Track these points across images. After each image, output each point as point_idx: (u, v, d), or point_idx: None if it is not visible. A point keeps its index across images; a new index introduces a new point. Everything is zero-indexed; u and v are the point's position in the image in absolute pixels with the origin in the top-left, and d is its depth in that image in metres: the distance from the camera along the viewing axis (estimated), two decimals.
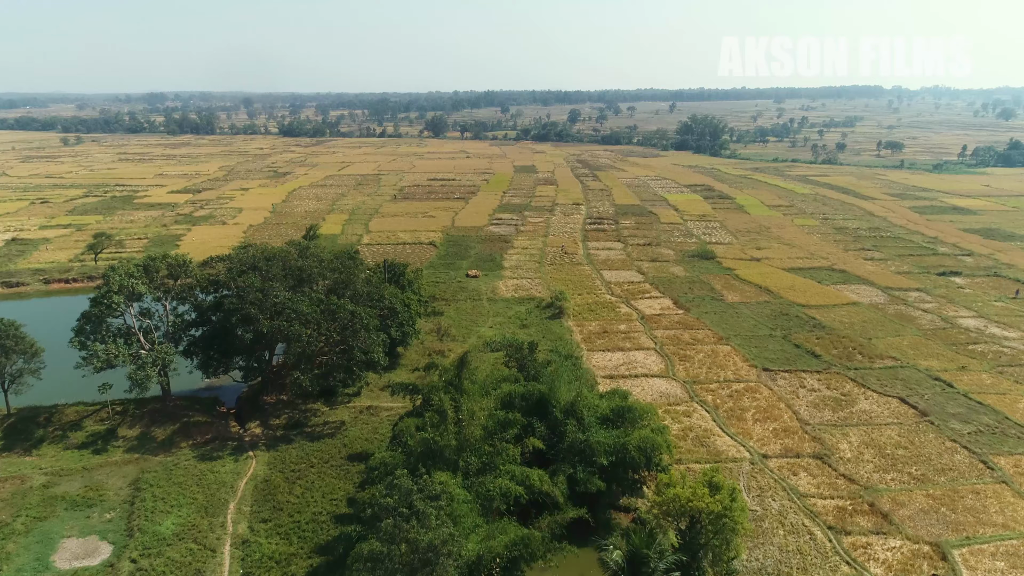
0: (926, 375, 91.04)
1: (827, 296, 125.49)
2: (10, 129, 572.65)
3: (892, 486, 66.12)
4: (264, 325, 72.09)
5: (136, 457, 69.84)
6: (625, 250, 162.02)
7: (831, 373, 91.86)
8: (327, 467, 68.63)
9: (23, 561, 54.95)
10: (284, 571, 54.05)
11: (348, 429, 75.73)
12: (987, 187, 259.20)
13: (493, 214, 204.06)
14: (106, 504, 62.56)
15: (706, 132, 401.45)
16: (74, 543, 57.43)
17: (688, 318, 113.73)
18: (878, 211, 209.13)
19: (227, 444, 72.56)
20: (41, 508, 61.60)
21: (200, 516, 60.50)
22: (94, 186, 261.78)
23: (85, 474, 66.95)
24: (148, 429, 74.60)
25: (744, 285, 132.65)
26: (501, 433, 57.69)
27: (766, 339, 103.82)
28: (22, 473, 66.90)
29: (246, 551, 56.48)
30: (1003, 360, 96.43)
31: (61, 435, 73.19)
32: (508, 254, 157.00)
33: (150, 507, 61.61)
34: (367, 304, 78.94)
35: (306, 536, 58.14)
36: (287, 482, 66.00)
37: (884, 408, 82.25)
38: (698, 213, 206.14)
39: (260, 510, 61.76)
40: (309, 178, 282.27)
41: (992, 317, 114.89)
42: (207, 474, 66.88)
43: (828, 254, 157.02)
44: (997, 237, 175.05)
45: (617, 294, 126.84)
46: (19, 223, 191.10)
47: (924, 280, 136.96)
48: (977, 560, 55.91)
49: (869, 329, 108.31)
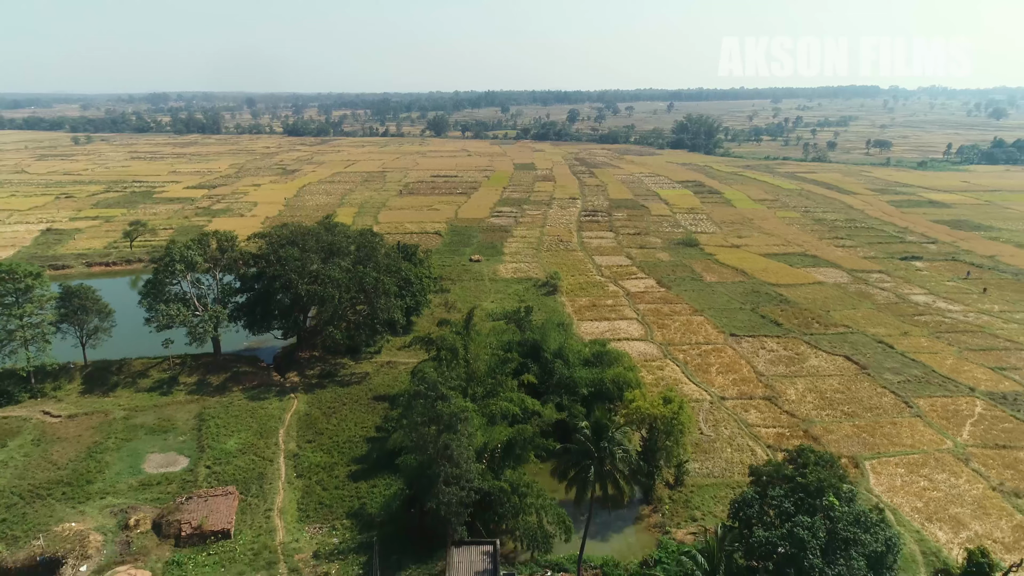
0: (872, 339, 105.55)
1: (796, 277, 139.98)
2: (19, 129, 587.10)
3: (826, 419, 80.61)
4: (302, 289, 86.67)
5: (197, 398, 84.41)
6: (616, 238, 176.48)
7: (789, 338, 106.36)
8: (356, 405, 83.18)
9: (120, 468, 69.42)
10: (328, 474, 68.58)
11: (372, 378, 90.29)
12: (965, 183, 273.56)
13: (494, 207, 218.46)
14: (178, 431, 77.05)
15: (701, 131, 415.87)
16: (157, 456, 71.90)
17: (669, 295, 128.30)
18: (857, 204, 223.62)
19: (271, 389, 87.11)
20: (125, 433, 76.10)
21: (256, 438, 75.03)
22: (112, 182, 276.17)
23: (156, 410, 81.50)
24: (204, 377, 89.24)
25: (722, 268, 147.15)
26: (502, 368, 72.12)
27: (736, 311, 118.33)
28: (105, 409, 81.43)
29: (297, 461, 71.01)
30: (942, 328, 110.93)
31: (131, 381, 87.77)
32: (508, 242, 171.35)
33: (214, 432, 76.12)
34: (387, 275, 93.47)
35: (344, 451, 72.68)
36: (324, 415, 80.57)
37: (831, 364, 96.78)
38: (687, 207, 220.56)
39: (304, 434, 76.30)
40: (317, 175, 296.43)
41: (941, 294, 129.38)
42: (258, 410, 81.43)
43: (803, 242, 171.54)
44: (964, 227, 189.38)
45: (606, 275, 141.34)
46: (50, 215, 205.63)
47: (887, 264, 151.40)
48: (883, 467, 70.37)
49: (829, 304, 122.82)
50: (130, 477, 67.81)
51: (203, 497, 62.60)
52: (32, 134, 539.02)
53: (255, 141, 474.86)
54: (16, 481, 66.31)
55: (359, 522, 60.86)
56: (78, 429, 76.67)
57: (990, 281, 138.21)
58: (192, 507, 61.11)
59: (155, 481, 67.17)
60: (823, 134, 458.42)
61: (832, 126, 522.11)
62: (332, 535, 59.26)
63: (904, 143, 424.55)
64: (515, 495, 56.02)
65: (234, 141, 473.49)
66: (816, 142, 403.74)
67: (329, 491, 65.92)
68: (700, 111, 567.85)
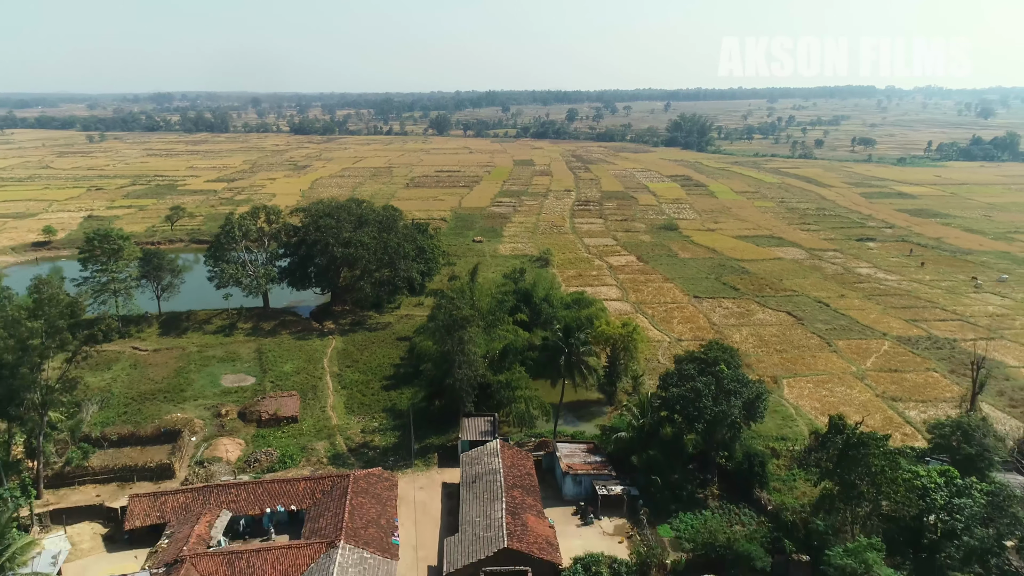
0: (813, 300, 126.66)
1: (759, 254, 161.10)
2: (31, 128, 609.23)
3: (760, 354, 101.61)
4: (338, 252, 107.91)
5: (254, 338, 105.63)
6: (605, 224, 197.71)
7: (743, 299, 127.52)
8: (383, 343, 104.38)
9: (203, 383, 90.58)
10: (365, 386, 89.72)
11: (393, 326, 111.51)
12: (938, 177, 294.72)
13: (494, 198, 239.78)
14: (242, 360, 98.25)
15: (694, 130, 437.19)
16: (230, 376, 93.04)
17: (646, 267, 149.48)
18: (830, 196, 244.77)
19: (313, 333, 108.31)
20: (201, 361, 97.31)
21: (306, 364, 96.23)
22: (136, 176, 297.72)
23: (223, 346, 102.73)
24: (257, 323, 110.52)
25: (696, 247, 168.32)
26: (500, 307, 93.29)
27: (702, 280, 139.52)
28: (181, 345, 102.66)
29: (339, 379, 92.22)
30: (876, 292, 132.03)
31: (199, 327, 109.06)
32: (507, 227, 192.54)
33: (272, 360, 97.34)
34: (406, 242, 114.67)
35: (375, 372, 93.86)
36: (357, 350, 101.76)
37: (773, 317, 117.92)
38: (673, 198, 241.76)
39: (344, 362, 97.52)
40: (327, 170, 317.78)
41: (883, 267, 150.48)
42: (304, 346, 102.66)
43: (772, 227, 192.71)
44: (923, 215, 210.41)
45: (593, 253, 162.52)
46: (87, 204, 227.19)
47: (843, 244, 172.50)
48: (796, 383, 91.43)
49: (783, 274, 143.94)
50: (212, 388, 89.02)
51: (273, 397, 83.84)
52: (46, 133, 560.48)
53: (264, 139, 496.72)
54: (127, 390, 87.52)
55: (392, 414, 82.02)
56: (164, 359, 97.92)
57: (929, 257, 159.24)
58: (266, 403, 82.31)
59: (232, 390, 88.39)
60: (813, 133, 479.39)
61: (824, 125, 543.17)
62: (373, 421, 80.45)
63: (891, 141, 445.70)
64: (508, 388, 77.16)
65: (243, 139, 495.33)
66: (804, 140, 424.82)
67: (367, 396, 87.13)
68: (698, 111, 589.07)
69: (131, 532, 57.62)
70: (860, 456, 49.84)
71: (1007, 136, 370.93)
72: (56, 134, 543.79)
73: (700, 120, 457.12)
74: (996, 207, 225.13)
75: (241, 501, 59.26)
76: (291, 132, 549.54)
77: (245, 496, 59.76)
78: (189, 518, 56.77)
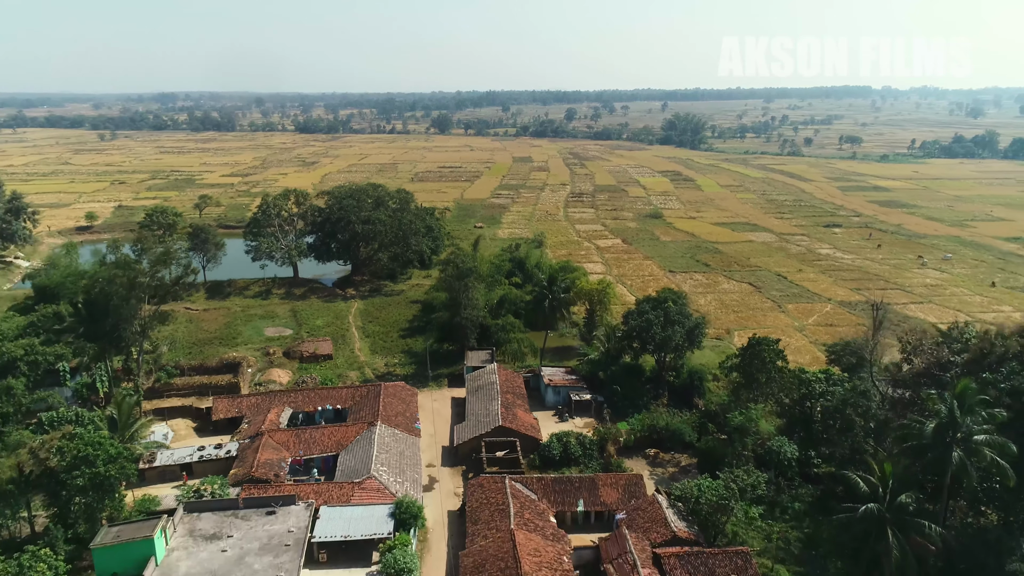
0: (773, 274, 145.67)
1: (733, 237, 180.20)
2: (41, 127, 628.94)
3: (719, 313, 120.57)
4: (359, 228, 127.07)
5: (287, 301, 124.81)
6: (596, 213, 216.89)
7: (712, 273, 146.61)
8: (397, 306, 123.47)
9: (250, 333, 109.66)
10: (386, 336, 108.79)
11: (406, 293, 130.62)
12: (915, 172, 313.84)
13: (494, 191, 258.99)
14: (279, 317, 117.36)
15: (688, 128, 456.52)
16: (271, 329, 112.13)
17: (630, 248, 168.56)
18: (809, 189, 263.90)
19: (337, 297, 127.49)
20: (245, 317, 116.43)
21: (334, 319, 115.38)
22: (154, 172, 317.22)
23: (262, 307, 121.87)
24: (289, 290, 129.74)
25: (676, 232, 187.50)
26: (498, 271, 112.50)
27: (678, 258, 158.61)
28: (226, 306, 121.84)
29: (363, 330, 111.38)
30: (831, 268, 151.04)
31: (239, 292, 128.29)
32: (505, 216, 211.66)
33: (305, 317, 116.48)
34: (417, 220, 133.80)
35: (393, 326, 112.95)
36: (377, 310, 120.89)
37: (736, 287, 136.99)
38: (661, 191, 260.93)
39: (366, 318, 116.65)
40: (335, 166, 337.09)
41: (842, 248, 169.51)
42: (331, 307, 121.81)
43: (749, 215, 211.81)
44: (892, 206, 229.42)
45: (583, 236, 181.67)
46: (114, 196, 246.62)
47: (812, 230, 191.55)
48: (745, 334, 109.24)
49: (751, 254, 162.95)
50: (258, 337, 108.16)
51: (311, 341, 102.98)
52: (56, 131, 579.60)
53: (270, 138, 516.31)
54: (187, 338, 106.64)
55: (408, 354, 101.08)
56: (213, 316, 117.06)
57: (887, 241, 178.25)
58: (305, 345, 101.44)
59: (275, 338, 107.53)
60: (805, 132, 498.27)
61: (816, 124, 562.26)
62: (394, 358, 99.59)
63: (879, 139, 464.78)
64: (503, 331, 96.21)
65: (250, 138, 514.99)
66: (794, 138, 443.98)
67: (387, 342, 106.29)
68: (694, 110, 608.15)
69: (215, 423, 76.64)
70: (758, 353, 68.81)
71: (987, 134, 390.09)
72: (67, 133, 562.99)
73: (694, 119, 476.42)
74: (962, 199, 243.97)
75: (299, 401, 78.34)
76: (296, 131, 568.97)
77: (302, 398, 78.84)
78: (260, 412, 75.78)
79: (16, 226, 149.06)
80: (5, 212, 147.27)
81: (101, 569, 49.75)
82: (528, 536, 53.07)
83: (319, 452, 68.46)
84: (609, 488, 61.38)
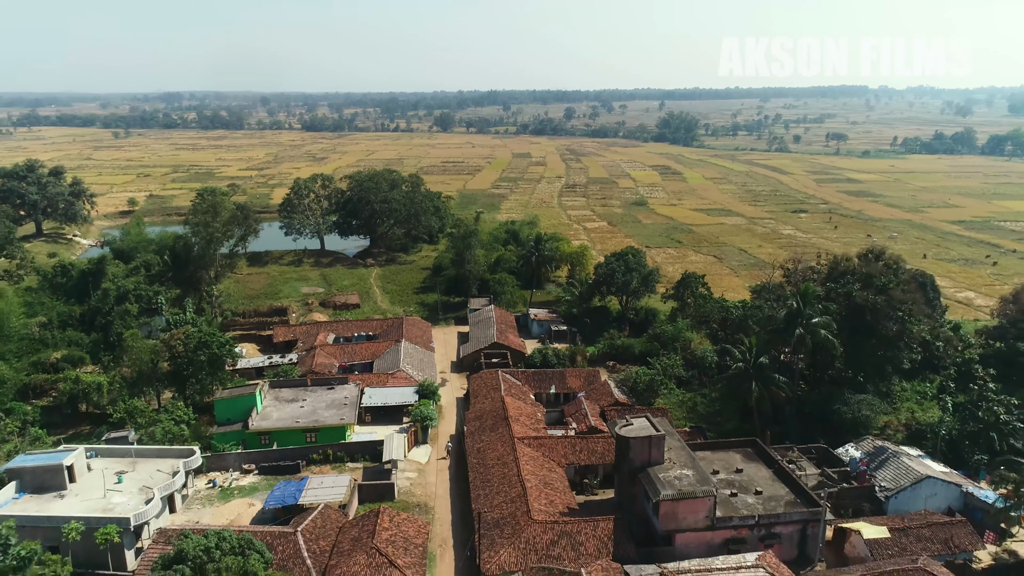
0: (736, 248, 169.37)
1: (707, 221, 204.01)
2: (53, 125, 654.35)
3: None
4: (377, 206, 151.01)
5: (317, 268, 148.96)
6: (587, 201, 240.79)
7: (683, 248, 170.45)
8: (410, 271, 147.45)
9: (288, 291, 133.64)
10: (402, 293, 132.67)
11: (417, 262, 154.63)
12: (891, 167, 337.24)
13: (494, 183, 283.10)
14: (311, 280, 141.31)
15: (681, 126, 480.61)
16: (306, 288, 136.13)
17: (613, 229, 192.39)
18: (786, 180, 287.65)
19: (359, 265, 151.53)
20: (283, 280, 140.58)
21: (358, 281, 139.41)
22: (174, 166, 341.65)
23: (295, 272, 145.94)
24: (318, 259, 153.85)
25: (657, 216, 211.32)
26: (495, 240, 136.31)
27: (655, 236, 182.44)
28: (266, 272, 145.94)
29: (383, 288, 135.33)
30: (788, 244, 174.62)
31: (275, 261, 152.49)
32: (504, 203, 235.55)
33: (333, 279, 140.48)
34: (427, 200, 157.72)
35: (407, 286, 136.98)
36: (393, 274, 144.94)
37: (701, 258, 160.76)
38: (649, 182, 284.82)
39: (385, 281, 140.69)
40: (344, 161, 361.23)
41: (803, 230, 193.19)
42: (354, 272, 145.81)
43: (726, 203, 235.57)
44: (861, 196, 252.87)
45: (573, 220, 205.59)
46: (143, 187, 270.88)
47: (780, 215, 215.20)
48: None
49: (720, 234, 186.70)
50: (295, 293, 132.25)
51: (341, 295, 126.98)
52: (70, 130, 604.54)
53: (278, 136, 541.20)
54: (237, 293, 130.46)
55: (421, 305, 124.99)
56: (255, 279, 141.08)
57: (844, 223, 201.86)
58: (337, 297, 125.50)
59: (310, 294, 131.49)
60: (796, 129, 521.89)
61: (808, 123, 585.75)
62: (410, 305, 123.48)
63: (867, 137, 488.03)
64: (499, 284, 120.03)
65: (260, 136, 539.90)
66: (784, 136, 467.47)
67: (403, 297, 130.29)
68: (692, 109, 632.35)
69: (275, 345, 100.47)
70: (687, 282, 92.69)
71: (965, 132, 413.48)
72: (81, 131, 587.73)
73: (688, 118, 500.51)
74: (927, 190, 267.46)
75: (339, 329, 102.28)
76: (303, 129, 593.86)
77: (342, 327, 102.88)
78: (311, 336, 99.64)
79: (78, 207, 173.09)
80: (69, 195, 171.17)
81: (220, 417, 73.48)
82: (513, 400, 76.80)
83: (359, 360, 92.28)
84: (574, 378, 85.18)
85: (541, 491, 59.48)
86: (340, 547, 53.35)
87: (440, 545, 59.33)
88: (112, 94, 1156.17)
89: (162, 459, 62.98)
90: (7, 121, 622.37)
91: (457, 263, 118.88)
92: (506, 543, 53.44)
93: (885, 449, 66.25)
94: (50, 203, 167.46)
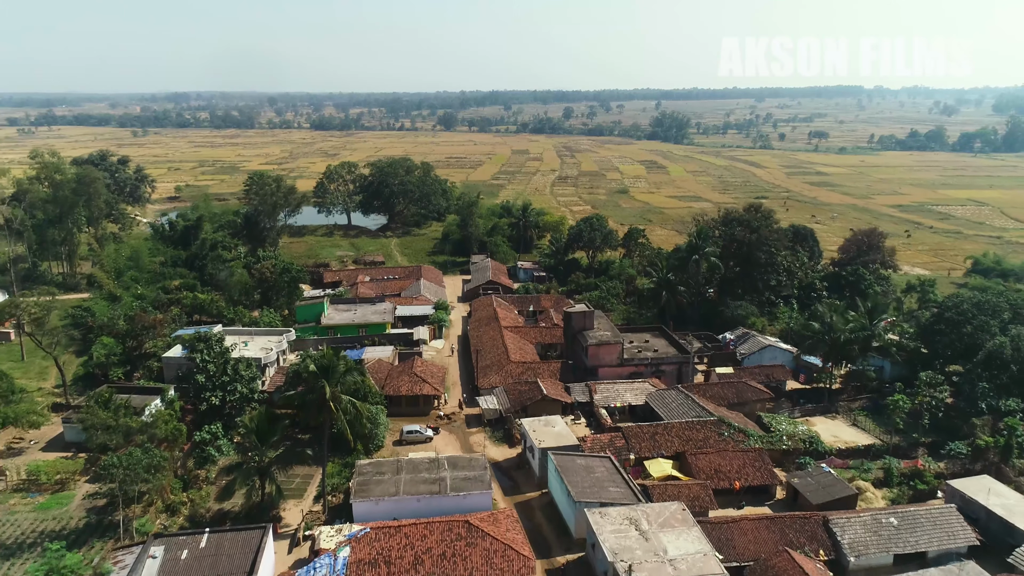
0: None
1: (677, 205, 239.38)
2: (70, 125, 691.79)
3: None
4: (396, 188, 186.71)
5: (346, 238, 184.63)
6: (576, 190, 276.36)
7: (651, 226, 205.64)
8: (423, 240, 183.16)
9: (326, 254, 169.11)
10: (416, 256, 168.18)
11: (427, 235, 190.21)
12: (861, 162, 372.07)
13: (494, 175, 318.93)
14: (342, 247, 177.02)
15: (673, 125, 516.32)
16: (339, 252, 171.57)
17: (596, 212, 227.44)
18: (759, 173, 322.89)
19: (380, 236, 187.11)
20: (319, 247, 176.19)
21: (381, 247, 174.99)
22: (199, 161, 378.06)
23: (328, 241, 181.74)
24: (345, 232, 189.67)
25: (635, 202, 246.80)
26: (492, 214, 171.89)
27: (630, 218, 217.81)
28: (304, 241, 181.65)
29: (401, 251, 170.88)
30: None
31: (310, 232, 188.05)
32: (502, 192, 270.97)
33: (360, 246, 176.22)
34: (436, 185, 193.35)
35: (421, 251, 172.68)
36: (408, 243, 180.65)
37: (665, 232, 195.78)
38: (635, 175, 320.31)
39: (402, 247, 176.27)
40: (354, 157, 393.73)
41: None
42: (377, 241, 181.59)
43: (699, 192, 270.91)
44: (822, 186, 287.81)
45: (561, 204, 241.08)
46: (175, 178, 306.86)
47: (743, 200, 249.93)
48: None
49: (687, 215, 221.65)
50: (331, 255, 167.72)
51: (369, 255, 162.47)
52: (88, 129, 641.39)
53: (288, 134, 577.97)
54: (285, 256, 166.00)
55: (433, 263, 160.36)
56: (297, 246, 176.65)
57: (796, 207, 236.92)
58: (366, 256, 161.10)
59: (343, 256, 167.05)
60: (783, 128, 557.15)
61: (798, 122, 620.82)
62: (424, 263, 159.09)
63: (850, 135, 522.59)
64: (495, 245, 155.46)
65: (271, 134, 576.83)
66: (769, 134, 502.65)
67: (418, 258, 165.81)
68: (687, 109, 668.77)
69: (324, 284, 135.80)
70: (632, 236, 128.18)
71: (936, 130, 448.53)
72: (99, 130, 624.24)
73: (680, 117, 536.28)
74: (886, 181, 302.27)
75: (373, 272, 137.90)
76: (311, 128, 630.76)
77: (375, 271, 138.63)
78: (352, 277, 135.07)
79: (142, 190, 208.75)
80: (135, 180, 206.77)
81: (300, 318, 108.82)
82: (502, 311, 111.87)
83: (390, 292, 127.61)
84: (545, 301, 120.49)
85: (517, 351, 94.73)
86: (391, 376, 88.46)
87: (452, 384, 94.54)
88: (120, 94, 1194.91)
89: (269, 337, 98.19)
90: (25, 120, 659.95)
91: (462, 227, 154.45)
92: (493, 372, 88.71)
93: (749, 334, 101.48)
94: (119, 187, 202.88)
